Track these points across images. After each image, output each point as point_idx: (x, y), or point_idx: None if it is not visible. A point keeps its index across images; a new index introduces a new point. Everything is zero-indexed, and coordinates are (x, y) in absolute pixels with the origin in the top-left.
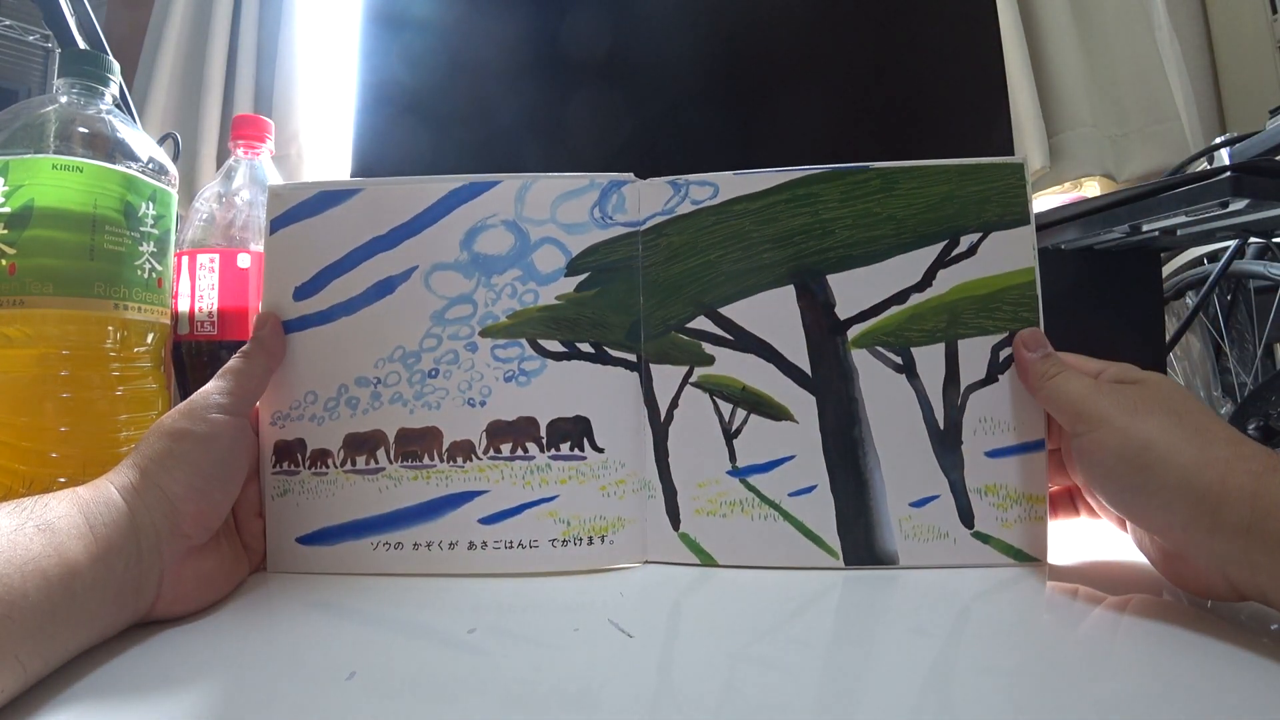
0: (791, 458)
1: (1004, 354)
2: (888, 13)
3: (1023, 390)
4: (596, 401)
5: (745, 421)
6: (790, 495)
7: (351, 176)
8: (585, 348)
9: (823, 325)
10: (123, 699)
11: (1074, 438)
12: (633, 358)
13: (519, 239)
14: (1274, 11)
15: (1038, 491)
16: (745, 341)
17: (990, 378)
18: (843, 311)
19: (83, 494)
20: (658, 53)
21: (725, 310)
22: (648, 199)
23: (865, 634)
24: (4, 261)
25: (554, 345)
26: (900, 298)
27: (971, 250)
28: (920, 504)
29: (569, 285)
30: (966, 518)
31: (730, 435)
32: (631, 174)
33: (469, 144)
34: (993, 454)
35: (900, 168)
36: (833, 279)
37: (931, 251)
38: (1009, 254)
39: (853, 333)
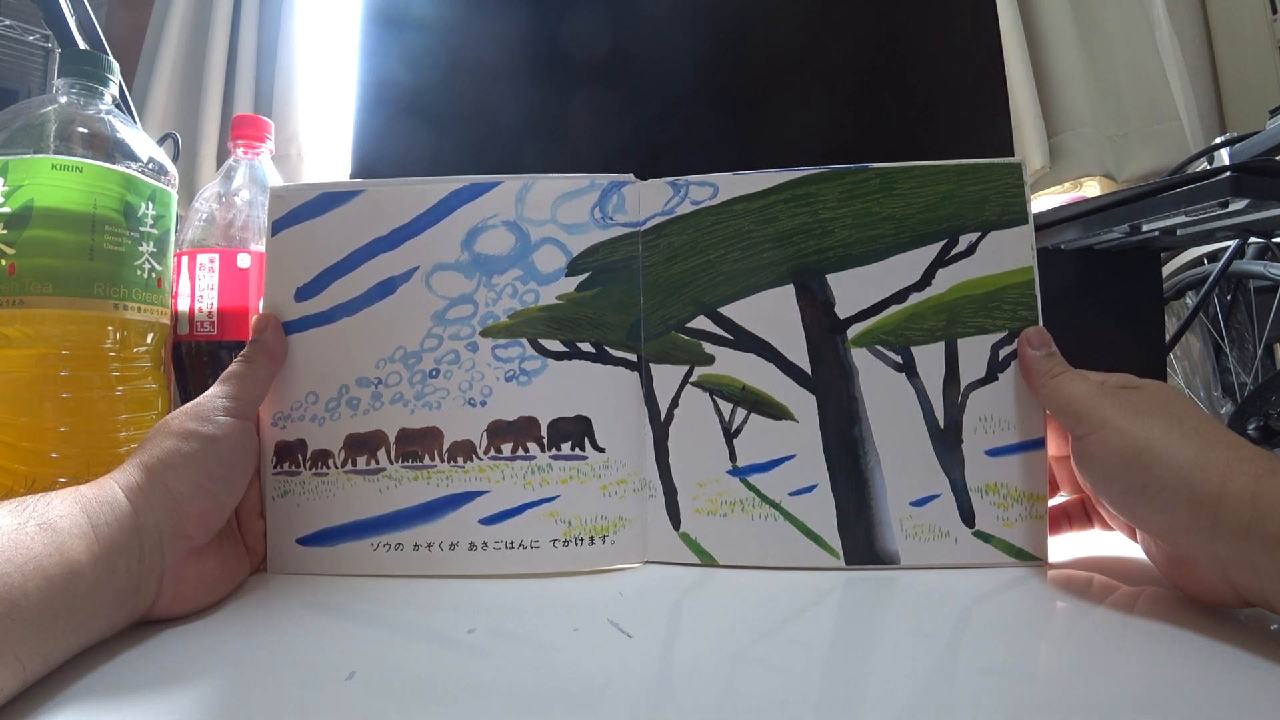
0: (792, 457)
1: (1004, 353)
2: (887, 13)
3: (1023, 389)
4: (597, 401)
5: (745, 421)
6: (791, 495)
7: (351, 177)
8: (586, 347)
9: (823, 324)
10: (123, 699)
11: (1075, 439)
12: (633, 357)
13: (519, 239)
14: (1274, 11)
15: (1038, 490)
16: (745, 341)
17: (990, 376)
18: (842, 311)
19: (86, 493)
20: (658, 53)
21: (725, 310)
22: (648, 199)
23: (866, 634)
24: (4, 261)
25: (555, 345)
26: (900, 297)
27: (970, 250)
28: (921, 503)
29: (569, 285)
30: (967, 517)
31: (730, 435)
32: (631, 175)
33: (469, 144)
34: (993, 453)
35: (899, 168)
36: (832, 278)
37: (931, 251)
38: (1008, 253)
39: (852, 332)
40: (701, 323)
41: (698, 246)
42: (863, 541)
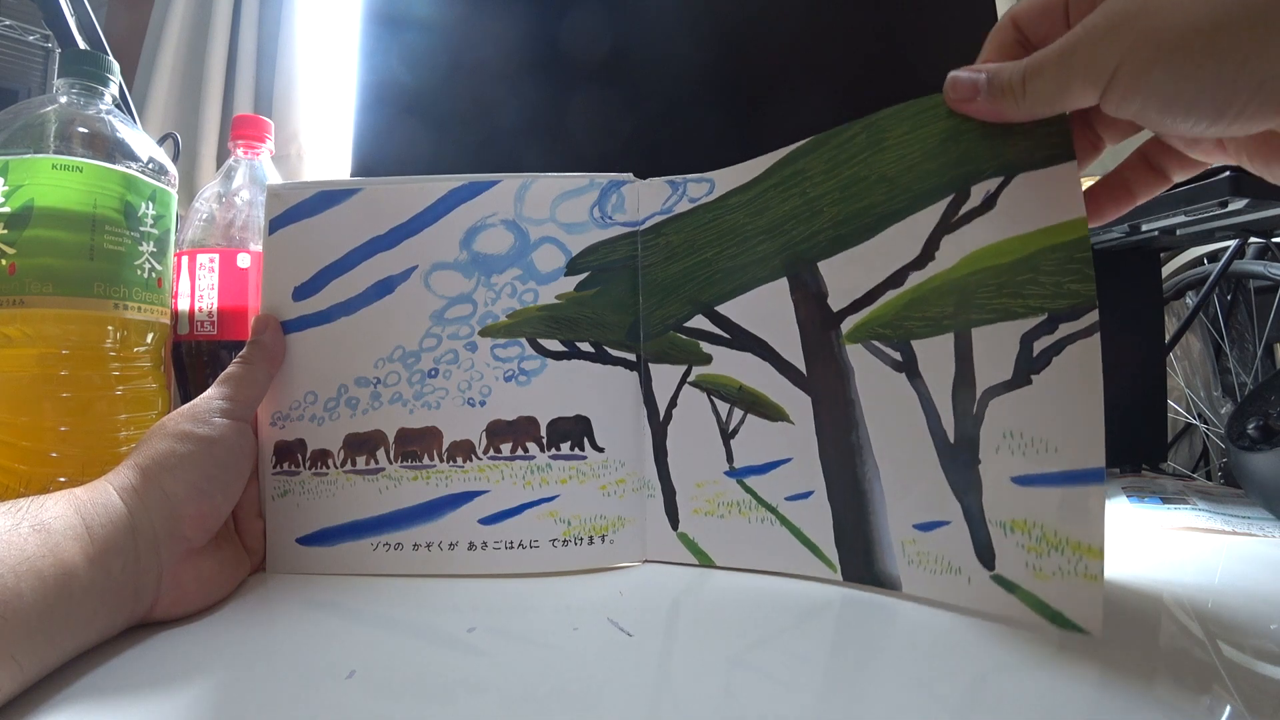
0: (788, 460)
1: (1041, 346)
2: (887, 12)
3: (1069, 398)
4: (597, 401)
5: (743, 421)
6: (787, 499)
7: (351, 176)
8: (585, 347)
9: (816, 319)
10: (122, 699)
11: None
12: (632, 357)
13: (519, 238)
14: None
15: (1089, 540)
16: (742, 340)
17: (1020, 379)
18: (836, 302)
19: (80, 495)
20: (658, 53)
21: (722, 308)
22: (646, 199)
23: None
24: (4, 261)
25: (554, 345)
26: (896, 279)
27: (989, 202)
28: (927, 528)
29: (569, 285)
30: (985, 554)
31: (728, 435)
32: (631, 174)
33: (469, 144)
34: (1023, 481)
35: (889, 112)
36: (824, 266)
37: (932, 213)
38: (1045, 201)
39: (847, 325)
40: (699, 322)
41: (695, 245)
42: (860, 558)
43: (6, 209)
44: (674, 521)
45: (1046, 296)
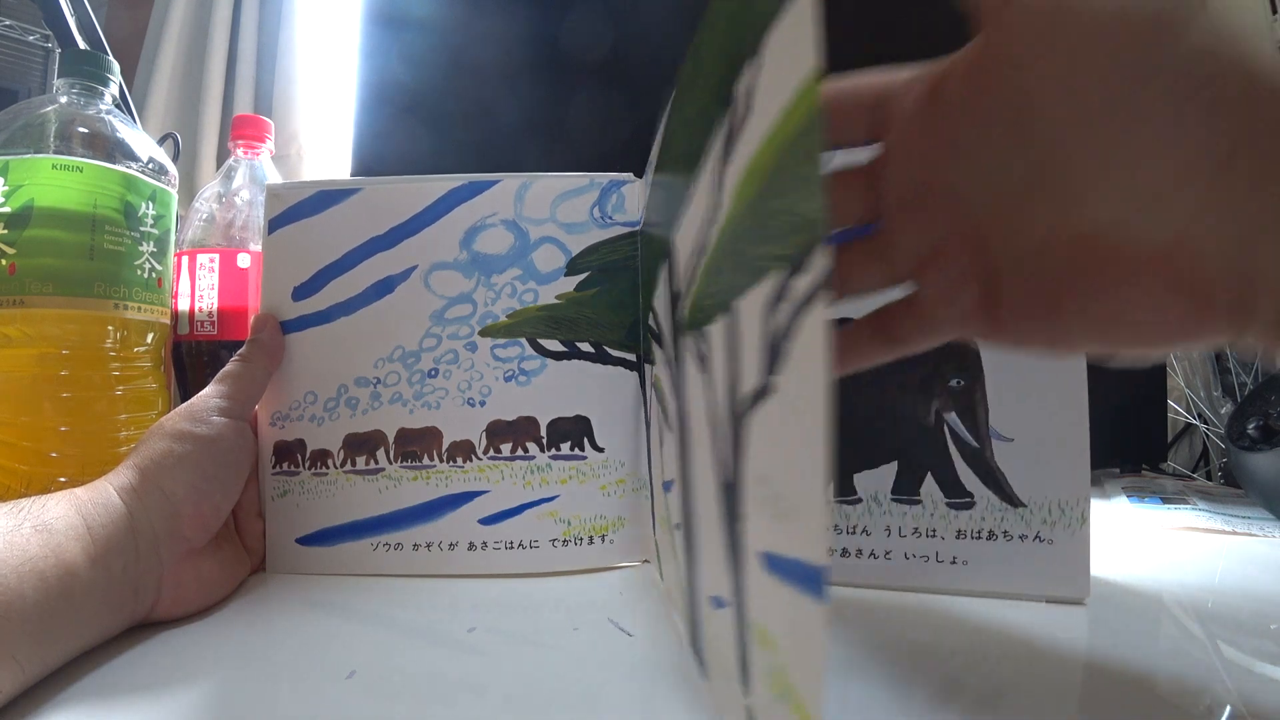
0: (671, 483)
1: (777, 325)
2: (887, 11)
3: (803, 419)
4: (597, 401)
5: (663, 429)
6: (675, 528)
7: (351, 176)
8: (585, 347)
9: (671, 306)
10: (123, 699)
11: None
12: (632, 357)
13: (518, 238)
14: (1274, 11)
15: (807, 698)
16: (660, 334)
17: (764, 384)
18: (678, 282)
19: (81, 495)
20: (658, 53)
21: (655, 300)
22: (644, 197)
23: None
24: (4, 261)
25: (554, 345)
26: (703, 244)
27: (749, 101)
28: (717, 604)
29: (569, 285)
30: (744, 668)
31: (660, 443)
32: (631, 174)
33: (469, 144)
34: (773, 564)
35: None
36: (676, 237)
37: (713, 142)
38: (785, 69)
39: (682, 311)
40: (651, 318)
41: (654, 232)
42: (691, 623)
43: (6, 209)
44: (654, 525)
45: (782, 234)
